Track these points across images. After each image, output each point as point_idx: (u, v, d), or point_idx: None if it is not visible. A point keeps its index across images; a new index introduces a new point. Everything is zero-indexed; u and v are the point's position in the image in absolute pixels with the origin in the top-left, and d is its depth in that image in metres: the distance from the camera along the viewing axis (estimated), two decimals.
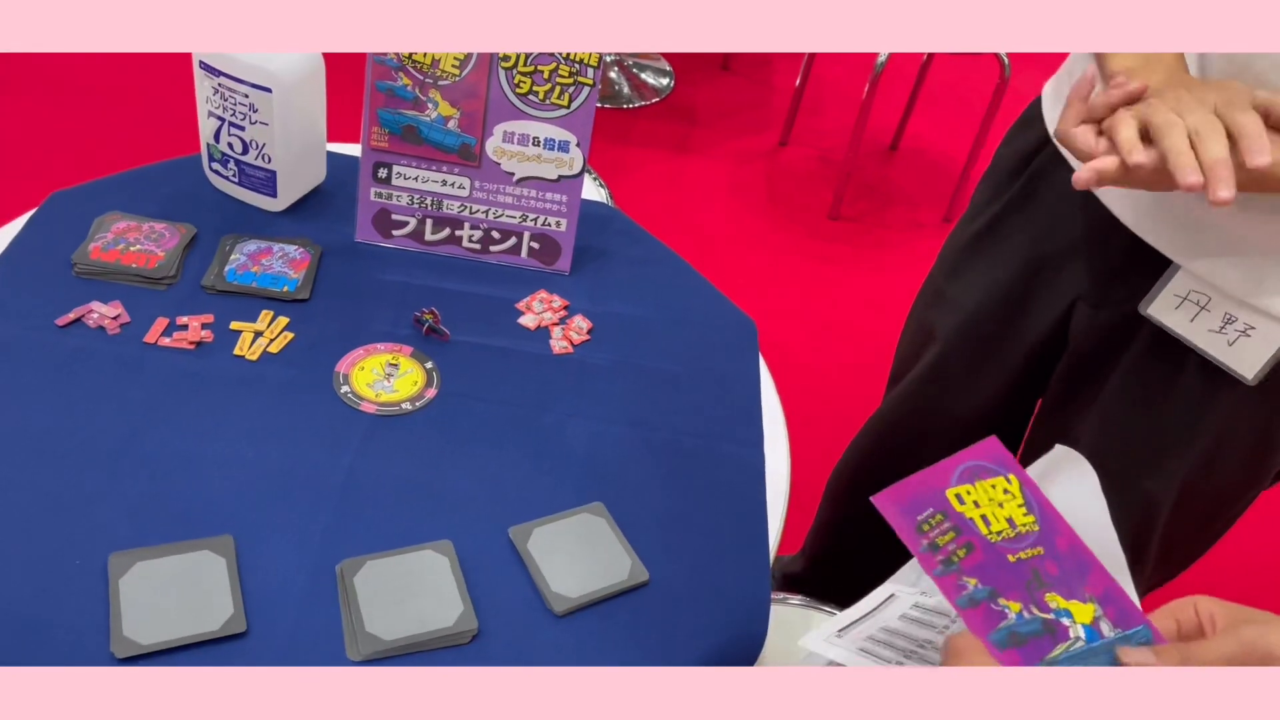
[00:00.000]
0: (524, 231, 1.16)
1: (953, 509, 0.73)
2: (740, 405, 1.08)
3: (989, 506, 0.74)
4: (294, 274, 1.10)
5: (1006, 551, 0.72)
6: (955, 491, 0.74)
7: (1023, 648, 0.65)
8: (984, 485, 0.75)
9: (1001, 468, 0.77)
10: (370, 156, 1.13)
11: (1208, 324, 0.92)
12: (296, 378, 1.01)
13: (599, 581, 0.88)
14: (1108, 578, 0.72)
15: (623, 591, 0.88)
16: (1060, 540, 0.74)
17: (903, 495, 0.73)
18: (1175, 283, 0.93)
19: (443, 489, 0.94)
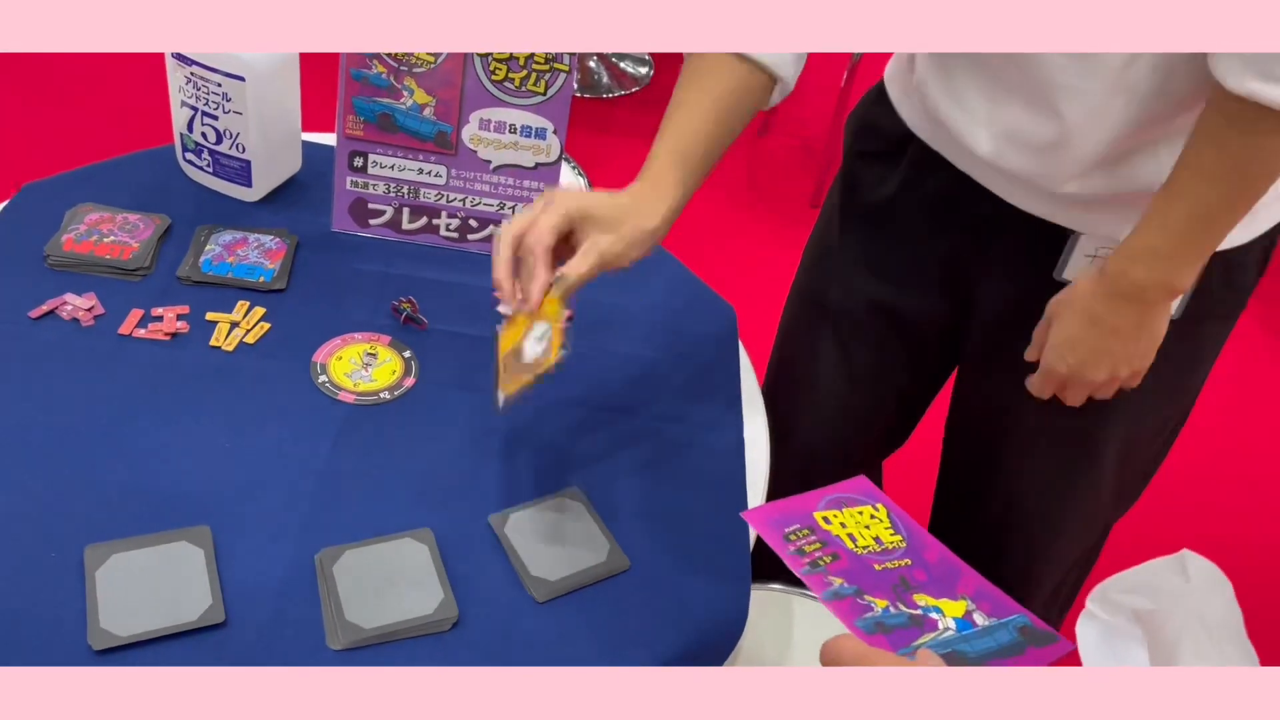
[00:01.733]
0: (502, 219, 1.16)
1: (819, 526, 0.75)
2: (720, 391, 1.08)
3: (855, 527, 0.76)
4: (270, 264, 1.10)
5: (873, 562, 0.73)
6: (822, 514, 0.76)
7: (890, 635, 0.65)
8: (851, 512, 0.77)
9: (869, 499, 0.79)
10: (346, 145, 1.12)
11: None
12: (273, 368, 1.00)
13: (578, 564, 0.88)
14: (979, 580, 0.72)
15: (603, 577, 0.88)
16: (929, 554, 0.75)
17: (771, 512, 0.76)
18: (1083, 243, 0.97)
19: (421, 478, 0.94)
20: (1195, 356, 1.05)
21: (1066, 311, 0.92)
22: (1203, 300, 0.96)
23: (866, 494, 0.80)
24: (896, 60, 1.08)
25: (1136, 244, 0.87)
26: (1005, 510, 1.19)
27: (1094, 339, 0.91)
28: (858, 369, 1.18)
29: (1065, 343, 0.92)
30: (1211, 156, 0.82)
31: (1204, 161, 0.82)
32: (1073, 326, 0.92)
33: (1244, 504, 2.12)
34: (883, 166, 1.08)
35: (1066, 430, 1.07)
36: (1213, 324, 1.02)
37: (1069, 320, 0.92)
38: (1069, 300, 0.92)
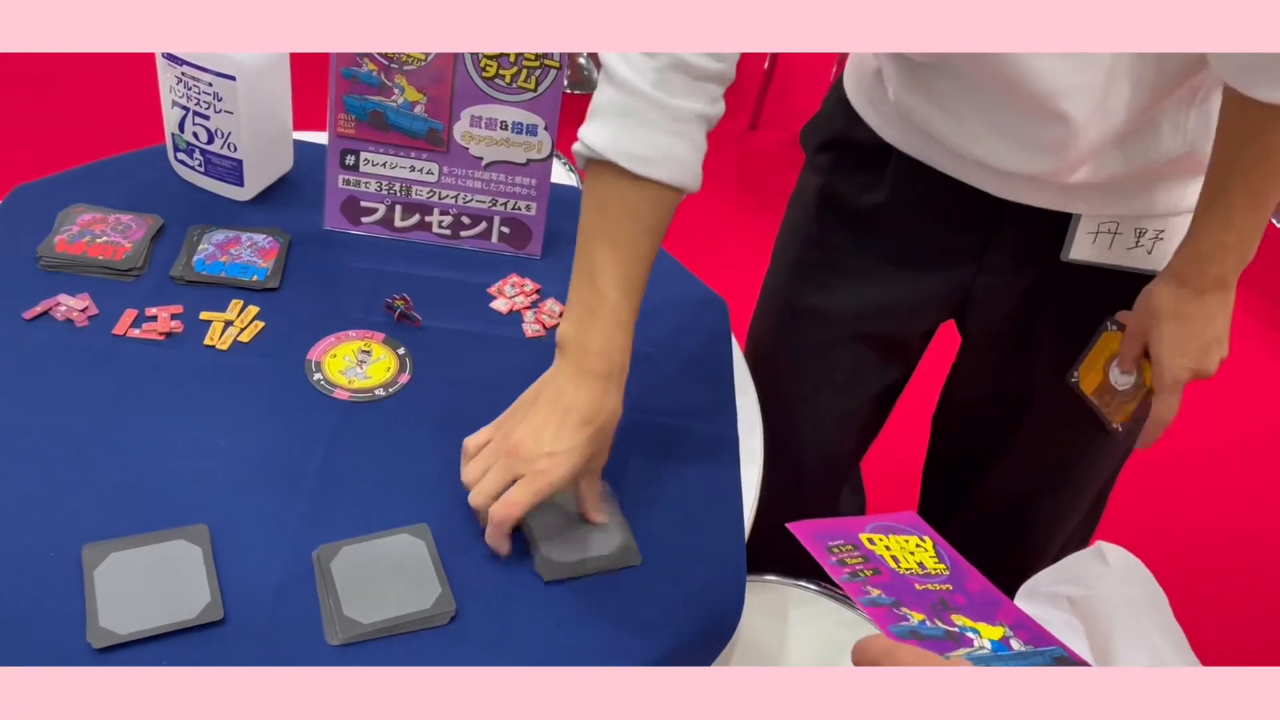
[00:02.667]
0: (494, 216, 1.16)
1: (863, 545, 0.74)
2: (714, 385, 1.09)
3: (900, 551, 0.75)
4: (263, 263, 1.10)
5: (914, 582, 0.72)
6: (868, 536, 0.76)
7: (923, 643, 0.64)
8: (897, 539, 0.76)
9: (917, 530, 0.78)
10: (337, 143, 1.12)
11: (1125, 244, 0.99)
12: (268, 366, 1.00)
13: (589, 551, 0.88)
14: (1019, 612, 0.72)
15: (612, 568, 0.88)
16: (972, 584, 0.74)
17: (817, 527, 0.75)
18: (1084, 223, 0.98)
19: (418, 474, 0.94)
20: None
21: (1157, 325, 0.93)
22: None
23: (915, 526, 0.79)
24: (856, 72, 1.07)
25: (1205, 243, 0.89)
26: (1010, 493, 1.20)
27: (1196, 334, 0.92)
28: (839, 376, 1.18)
29: (1174, 351, 0.93)
30: (1254, 153, 0.84)
31: (1247, 157, 0.84)
32: (1174, 334, 0.92)
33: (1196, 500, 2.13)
34: (864, 175, 1.08)
35: (1078, 407, 1.07)
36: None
37: (1166, 330, 0.93)
38: (1153, 312, 0.93)
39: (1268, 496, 2.15)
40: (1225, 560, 2.01)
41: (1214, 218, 0.88)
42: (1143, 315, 0.95)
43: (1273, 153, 0.84)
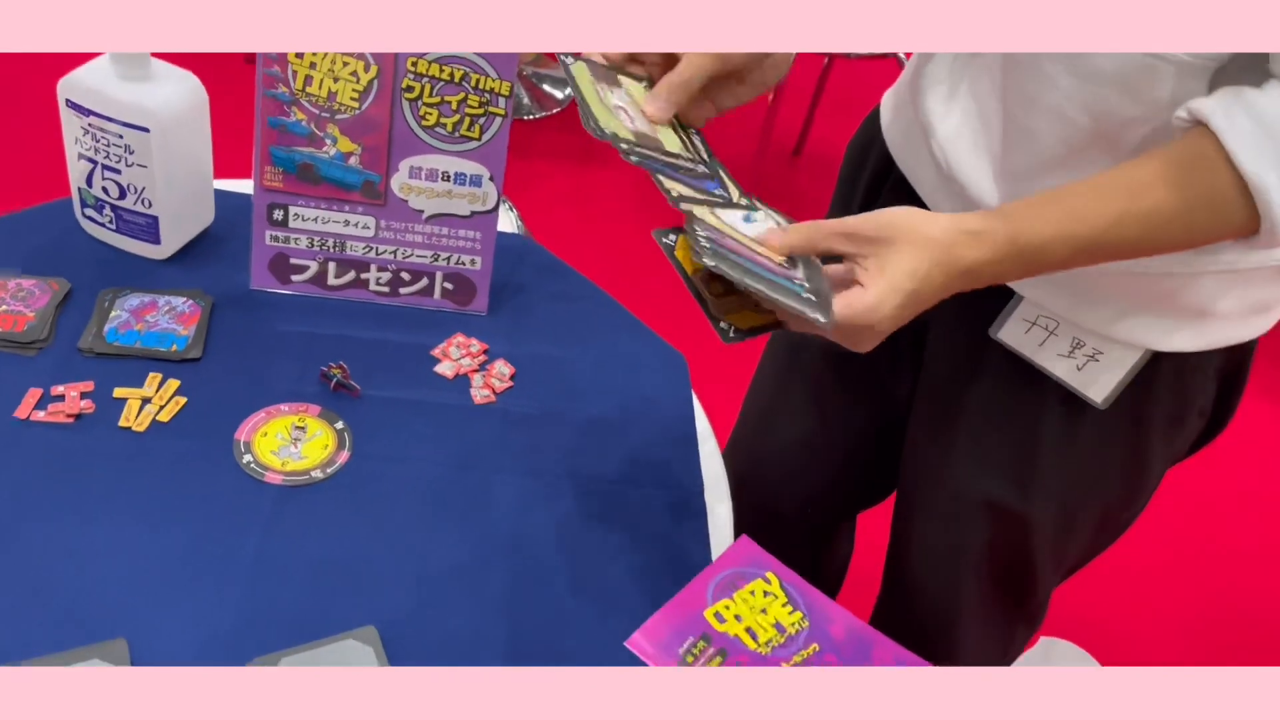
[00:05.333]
0: (436, 272, 1.08)
1: (714, 630, 0.71)
2: (676, 449, 1.02)
3: (752, 616, 0.72)
4: (183, 330, 1.01)
5: (780, 660, 0.69)
6: (713, 610, 0.73)
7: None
8: (743, 595, 0.73)
9: (757, 569, 0.75)
10: (264, 198, 1.03)
11: (1057, 349, 0.91)
12: (191, 449, 0.91)
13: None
14: (894, 648, 0.71)
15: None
16: (835, 628, 0.72)
17: (658, 631, 0.71)
18: (1023, 308, 0.91)
19: (362, 566, 0.86)
20: (1138, 457, 0.98)
21: (921, 245, 0.72)
22: (1144, 398, 0.92)
23: (753, 562, 0.76)
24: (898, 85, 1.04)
25: (1040, 232, 0.74)
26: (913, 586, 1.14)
27: (916, 307, 0.74)
28: (829, 413, 1.13)
29: (920, 280, 0.72)
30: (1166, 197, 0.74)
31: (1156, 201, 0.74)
32: (929, 266, 0.72)
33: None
34: (862, 206, 1.04)
35: (1000, 508, 1.02)
36: (1157, 425, 0.95)
37: (924, 257, 0.72)
38: (926, 237, 0.73)
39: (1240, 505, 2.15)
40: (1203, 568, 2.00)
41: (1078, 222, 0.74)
42: (888, 216, 0.75)
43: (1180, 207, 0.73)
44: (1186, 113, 0.74)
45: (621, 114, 0.78)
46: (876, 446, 1.16)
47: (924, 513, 1.09)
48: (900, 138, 1.00)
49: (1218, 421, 0.98)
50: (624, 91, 0.81)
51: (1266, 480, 2.25)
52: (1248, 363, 0.95)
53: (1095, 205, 0.74)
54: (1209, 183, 0.72)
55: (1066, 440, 0.96)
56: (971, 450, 1.01)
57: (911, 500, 1.11)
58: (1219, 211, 0.73)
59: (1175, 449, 0.99)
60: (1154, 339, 0.88)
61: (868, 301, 0.72)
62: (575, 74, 0.78)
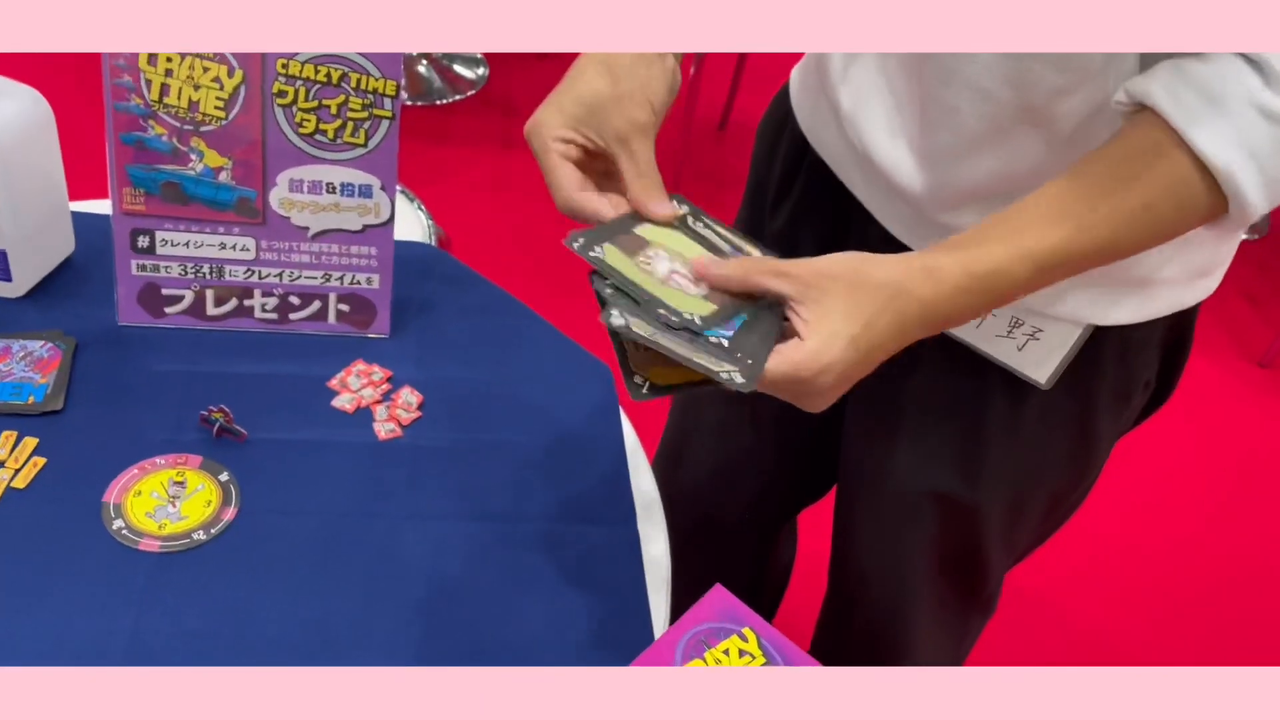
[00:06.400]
0: (329, 293, 0.98)
1: None
2: (606, 476, 0.93)
3: None
4: (41, 378, 0.89)
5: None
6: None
7: None
8: (715, 654, 0.65)
9: (732, 624, 0.67)
10: (125, 223, 0.92)
11: (995, 330, 0.86)
12: (52, 516, 0.80)
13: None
14: None
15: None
16: None
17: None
18: None
19: (255, 640, 0.76)
20: (1087, 435, 0.92)
21: (865, 293, 0.64)
22: (1089, 374, 0.86)
23: (727, 615, 0.68)
24: (804, 63, 0.96)
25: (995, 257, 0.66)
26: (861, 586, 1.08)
27: (862, 340, 0.64)
28: (761, 413, 1.05)
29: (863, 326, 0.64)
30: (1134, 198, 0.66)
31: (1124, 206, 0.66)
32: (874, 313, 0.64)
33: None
34: (779, 190, 0.95)
35: (948, 499, 0.95)
36: (1104, 402, 0.90)
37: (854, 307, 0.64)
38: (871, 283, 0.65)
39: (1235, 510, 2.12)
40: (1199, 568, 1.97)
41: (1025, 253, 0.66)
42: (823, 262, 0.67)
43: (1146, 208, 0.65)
44: (1126, 95, 0.67)
45: (676, 280, 0.66)
46: (811, 441, 1.09)
47: (868, 510, 1.02)
48: (810, 117, 0.92)
49: (1163, 390, 0.94)
50: (653, 247, 0.69)
51: (1212, 442, 2.23)
52: (1190, 329, 0.90)
53: (1050, 217, 0.67)
54: (1167, 172, 0.65)
55: (1012, 425, 0.90)
56: (914, 445, 0.95)
57: (854, 498, 1.04)
58: (1183, 201, 0.66)
59: (1122, 423, 0.94)
60: (1096, 314, 0.83)
61: (805, 352, 0.63)
62: (610, 261, 0.65)
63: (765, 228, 0.99)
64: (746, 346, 0.63)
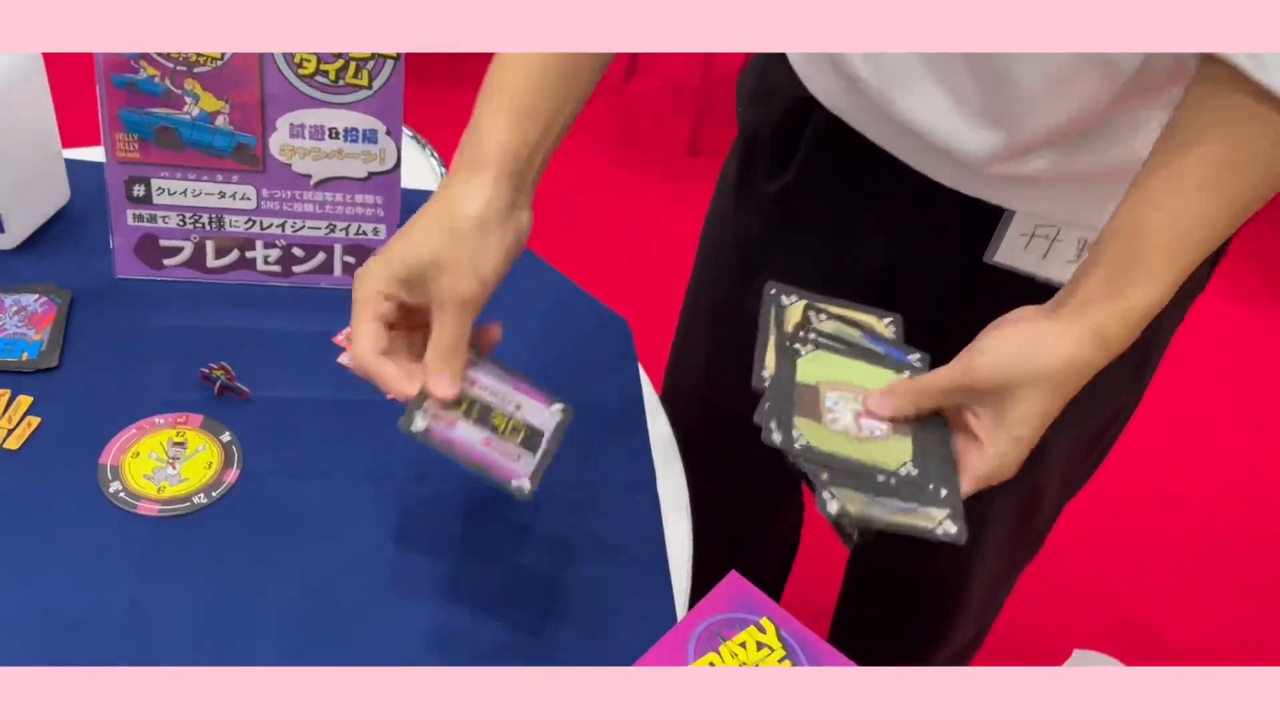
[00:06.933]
0: (333, 244, 0.93)
1: None
2: (623, 435, 0.89)
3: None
4: (35, 334, 0.85)
5: None
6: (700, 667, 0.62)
7: None
8: (731, 647, 0.62)
9: (749, 614, 0.63)
10: (119, 171, 0.88)
11: (1063, 255, 0.81)
12: (47, 480, 0.77)
13: None
14: None
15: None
16: None
17: None
18: (1017, 223, 0.80)
19: (258, 608, 0.73)
20: (1150, 347, 0.88)
21: (1046, 392, 0.64)
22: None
23: (744, 605, 0.64)
24: None
25: (1149, 300, 0.64)
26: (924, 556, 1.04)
27: (1055, 414, 0.65)
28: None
29: (1042, 427, 0.64)
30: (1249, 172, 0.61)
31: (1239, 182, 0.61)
32: (1054, 408, 0.64)
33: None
34: (779, 145, 0.89)
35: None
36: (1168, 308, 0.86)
37: (1049, 401, 0.64)
38: (1051, 373, 0.64)
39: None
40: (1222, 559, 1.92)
41: (1167, 267, 0.63)
42: (1007, 366, 0.64)
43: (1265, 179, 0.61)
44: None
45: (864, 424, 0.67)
46: None
47: None
48: (823, 88, 0.84)
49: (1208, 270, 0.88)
50: (823, 394, 0.68)
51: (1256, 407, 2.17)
52: None
53: (1189, 231, 0.62)
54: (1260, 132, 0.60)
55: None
56: None
57: None
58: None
59: (1175, 317, 0.89)
60: None
61: (991, 461, 0.63)
62: (812, 443, 0.65)
63: (761, 186, 0.93)
64: (935, 475, 0.64)
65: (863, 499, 0.62)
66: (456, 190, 0.66)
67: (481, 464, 0.65)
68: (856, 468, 0.64)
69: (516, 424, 0.69)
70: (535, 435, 0.69)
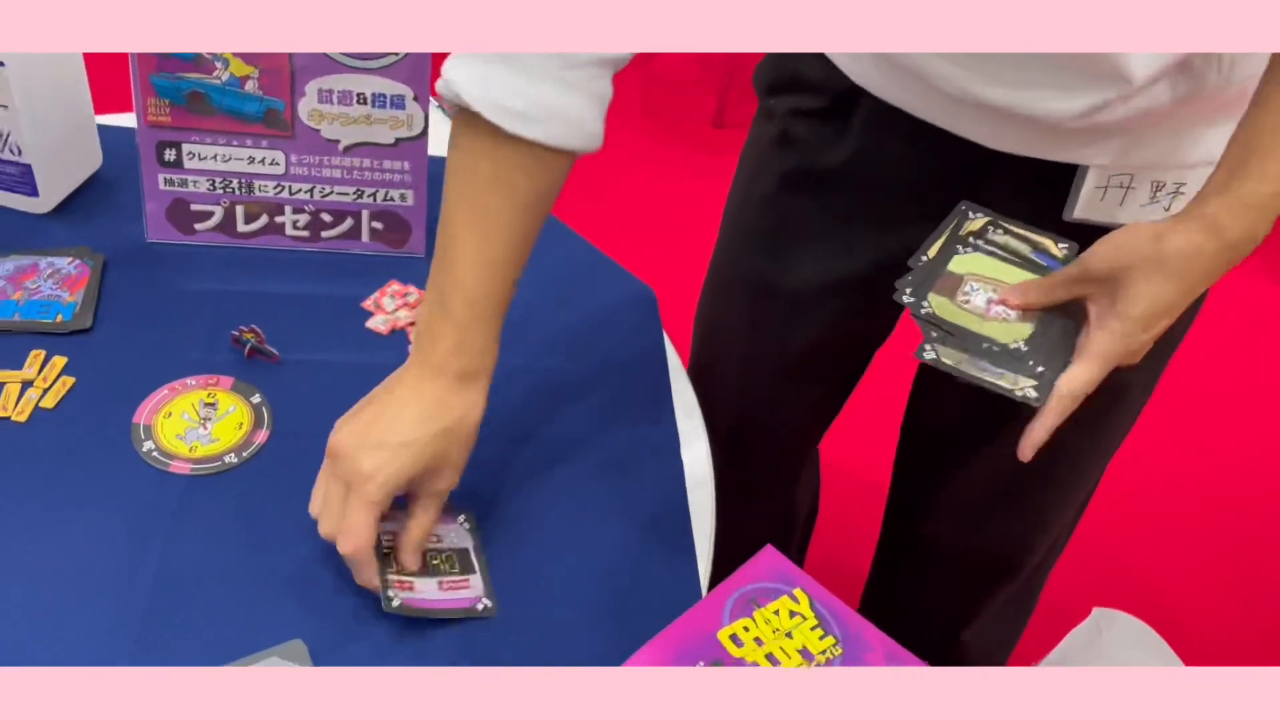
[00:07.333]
0: (361, 210, 0.94)
1: (730, 655, 0.61)
2: (649, 403, 0.90)
3: (775, 641, 0.62)
4: (69, 296, 0.87)
5: None
6: (729, 631, 0.62)
7: None
8: (765, 614, 0.63)
9: (783, 584, 0.64)
10: (150, 135, 0.89)
11: (1138, 200, 0.82)
12: (82, 438, 0.79)
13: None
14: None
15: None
16: (872, 657, 0.63)
17: (664, 653, 0.60)
18: (1092, 177, 0.81)
19: (286, 566, 0.74)
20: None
21: (1157, 274, 0.68)
22: None
23: (779, 576, 0.65)
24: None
25: (1262, 189, 0.66)
26: (996, 483, 1.03)
27: (1181, 302, 0.69)
28: (799, 362, 1.00)
29: (1161, 311, 0.68)
30: None
31: None
32: (1170, 292, 0.68)
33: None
34: (823, 125, 0.88)
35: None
36: None
37: (1162, 284, 0.68)
38: (1159, 256, 0.68)
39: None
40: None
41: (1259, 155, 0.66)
42: (1121, 250, 0.70)
43: None
44: None
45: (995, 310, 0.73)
46: (845, 381, 1.05)
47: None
48: (875, 80, 0.84)
49: None
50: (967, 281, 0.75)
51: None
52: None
53: None
54: None
55: None
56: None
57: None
58: None
59: None
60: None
61: (1108, 340, 0.67)
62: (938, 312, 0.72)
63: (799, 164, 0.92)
64: (1042, 352, 0.69)
65: (959, 355, 0.69)
66: (459, 403, 0.71)
67: (451, 609, 0.71)
68: (967, 335, 0.70)
69: (448, 556, 0.74)
70: (465, 555, 0.75)
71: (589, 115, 0.69)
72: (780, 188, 0.94)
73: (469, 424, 0.72)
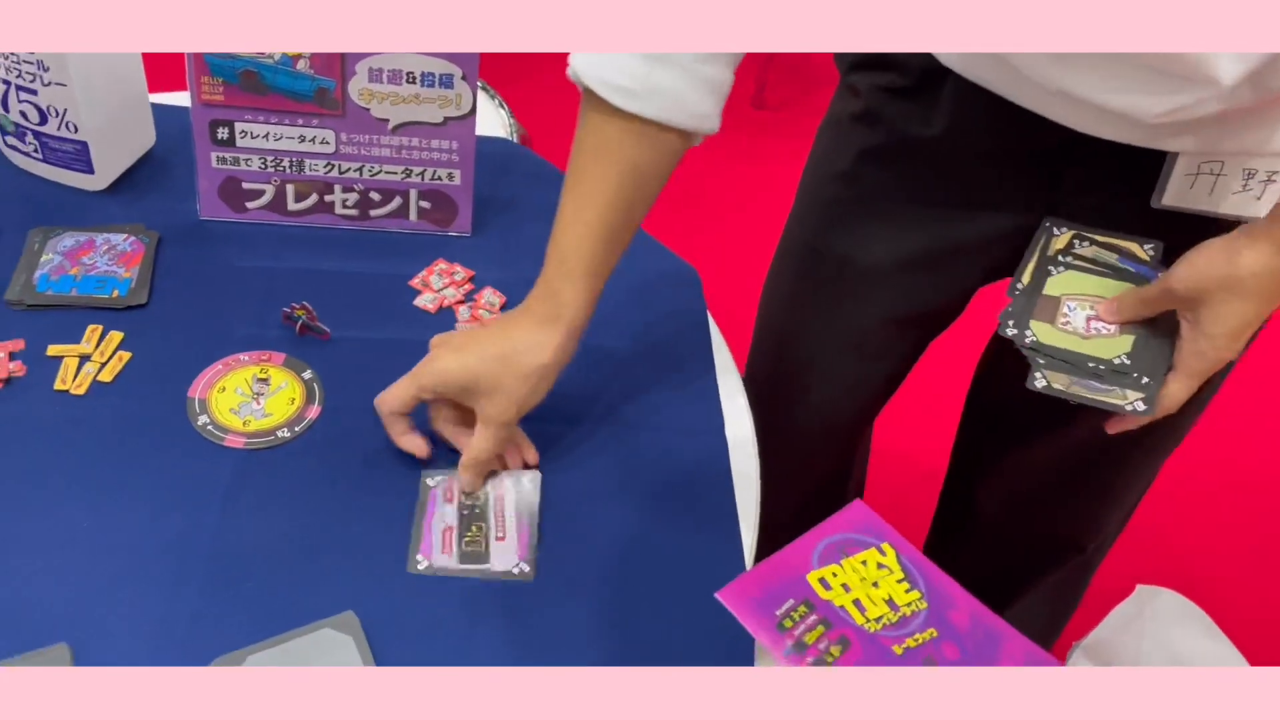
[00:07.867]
0: (410, 189, 0.95)
1: (818, 597, 0.61)
2: (693, 380, 0.90)
3: (862, 588, 0.62)
4: (125, 272, 0.88)
5: (891, 642, 0.60)
6: (819, 575, 0.62)
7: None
8: (853, 563, 0.64)
9: (872, 537, 0.65)
10: (203, 113, 0.90)
11: (1230, 188, 0.81)
12: (138, 412, 0.80)
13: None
14: (1026, 644, 0.62)
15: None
16: (957, 615, 0.63)
17: (754, 587, 0.61)
18: (1182, 163, 0.80)
19: (338, 538, 0.75)
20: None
21: (1234, 295, 0.71)
22: None
23: (867, 528, 0.66)
24: None
25: None
26: (1064, 458, 1.03)
27: (1262, 315, 0.72)
28: (866, 340, 1.00)
29: (1243, 327, 0.72)
30: None
31: None
32: (1248, 311, 0.71)
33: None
34: (911, 102, 0.87)
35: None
36: None
37: (1240, 304, 0.71)
38: (1235, 279, 0.71)
39: None
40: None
41: None
42: (1198, 273, 0.73)
43: None
44: None
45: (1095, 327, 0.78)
46: (910, 357, 1.04)
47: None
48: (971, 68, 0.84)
49: None
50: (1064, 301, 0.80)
51: None
52: None
53: None
54: None
55: None
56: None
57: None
58: None
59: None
60: None
61: (1194, 358, 0.73)
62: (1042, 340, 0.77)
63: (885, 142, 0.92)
64: (1145, 364, 0.75)
65: (1068, 379, 0.74)
66: (527, 339, 0.77)
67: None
68: (1073, 357, 0.75)
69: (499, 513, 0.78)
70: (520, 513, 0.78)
71: (694, 97, 0.73)
72: (859, 163, 0.93)
73: (530, 361, 0.76)
